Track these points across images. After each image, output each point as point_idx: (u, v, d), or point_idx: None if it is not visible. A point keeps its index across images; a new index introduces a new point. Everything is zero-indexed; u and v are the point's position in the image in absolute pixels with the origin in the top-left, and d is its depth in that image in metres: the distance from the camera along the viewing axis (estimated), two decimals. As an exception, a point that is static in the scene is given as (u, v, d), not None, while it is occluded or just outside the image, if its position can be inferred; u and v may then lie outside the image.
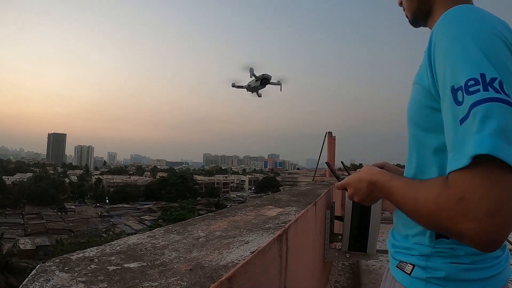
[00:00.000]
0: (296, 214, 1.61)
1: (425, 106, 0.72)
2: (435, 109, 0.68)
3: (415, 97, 0.76)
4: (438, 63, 0.64)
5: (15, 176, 75.27)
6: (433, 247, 0.73)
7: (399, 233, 0.84)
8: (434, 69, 0.66)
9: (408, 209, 0.66)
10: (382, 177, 0.77)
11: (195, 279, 0.73)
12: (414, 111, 0.76)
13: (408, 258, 0.77)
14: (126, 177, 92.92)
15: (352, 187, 0.86)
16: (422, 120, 0.74)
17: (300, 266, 1.75)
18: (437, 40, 0.65)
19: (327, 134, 7.98)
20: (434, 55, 0.65)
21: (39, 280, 0.68)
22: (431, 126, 0.72)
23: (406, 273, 0.76)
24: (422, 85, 0.71)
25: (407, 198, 0.66)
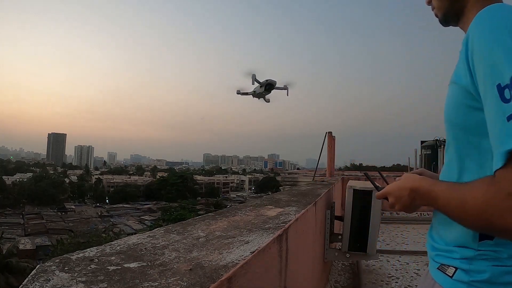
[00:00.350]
0: (296, 214, 1.61)
1: (464, 105, 0.72)
2: (475, 108, 0.69)
3: (452, 97, 0.76)
4: (478, 61, 0.64)
5: (15, 176, 75.32)
6: (476, 249, 0.73)
7: (439, 235, 0.84)
8: (473, 68, 0.66)
9: (455, 212, 0.68)
10: (424, 183, 0.78)
11: (195, 279, 0.73)
12: (453, 111, 0.76)
13: (450, 261, 0.77)
14: (126, 177, 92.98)
15: (393, 196, 0.86)
16: (461, 120, 0.74)
17: (300, 266, 1.75)
18: (475, 39, 0.66)
19: (327, 134, 7.98)
20: (473, 54, 0.66)
21: (39, 280, 0.68)
22: (472, 126, 0.72)
23: (448, 276, 0.76)
24: (461, 84, 0.71)
25: (453, 201, 0.68)
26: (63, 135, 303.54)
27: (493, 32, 0.63)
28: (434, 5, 0.91)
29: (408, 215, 7.47)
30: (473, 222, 0.65)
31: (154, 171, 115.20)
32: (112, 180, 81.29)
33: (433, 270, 0.82)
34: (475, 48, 0.65)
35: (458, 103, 0.73)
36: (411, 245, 5.19)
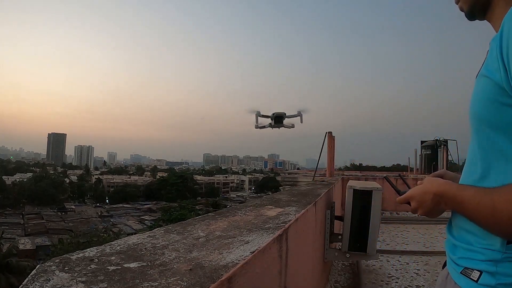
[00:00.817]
0: (296, 214, 1.61)
1: (495, 101, 0.67)
2: (508, 105, 0.65)
3: (483, 91, 0.70)
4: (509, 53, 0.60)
5: (15, 176, 75.32)
6: (503, 251, 0.69)
7: (462, 236, 0.78)
8: (508, 61, 0.62)
9: (484, 218, 0.66)
10: (449, 187, 0.76)
11: (195, 279, 0.73)
12: (482, 106, 0.70)
13: (475, 264, 0.72)
14: (126, 177, 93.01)
15: (416, 200, 0.84)
16: (492, 116, 0.69)
17: (300, 266, 1.75)
18: (511, 32, 0.61)
19: (327, 134, 7.98)
20: (508, 46, 0.61)
21: (39, 280, 0.68)
22: (503, 124, 0.67)
23: (473, 280, 0.71)
24: (493, 79, 0.67)
25: (483, 206, 0.66)
26: (63, 135, 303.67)
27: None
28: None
29: (408, 214, 7.48)
30: (504, 230, 0.64)
31: (154, 171, 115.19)
32: (112, 180, 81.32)
33: (455, 274, 0.77)
34: (507, 41, 0.61)
35: (490, 98, 0.68)
36: (411, 245, 5.19)
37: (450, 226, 0.85)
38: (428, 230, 5.78)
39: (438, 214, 0.83)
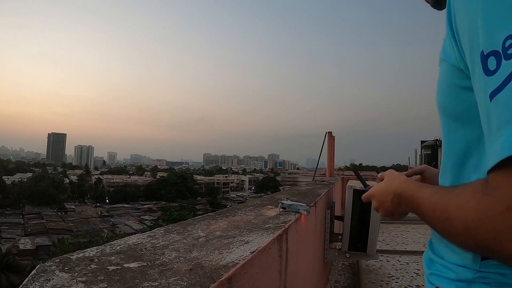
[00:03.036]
0: (296, 214, 1.61)
1: (454, 85, 0.57)
2: (468, 89, 0.53)
3: (442, 78, 0.60)
4: (462, 28, 0.49)
5: (15, 176, 75.37)
6: (477, 270, 0.56)
7: (437, 248, 0.68)
8: (457, 33, 0.51)
9: (440, 225, 0.53)
10: (408, 186, 0.64)
11: (195, 279, 0.73)
12: (443, 94, 0.60)
13: (446, 283, 0.61)
14: (126, 177, 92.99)
15: (376, 199, 0.75)
16: (454, 104, 0.58)
17: (300, 266, 1.75)
18: (456, 2, 0.51)
19: (327, 134, 7.98)
20: (456, 20, 0.51)
21: (39, 280, 0.68)
22: (464, 112, 0.56)
23: None
24: (450, 61, 0.56)
25: (438, 211, 0.52)
26: (63, 135, 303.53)
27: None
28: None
29: (409, 214, 7.47)
30: (461, 242, 0.49)
31: (154, 171, 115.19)
32: (112, 180, 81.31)
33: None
34: (457, 13, 0.50)
35: (449, 83, 0.58)
36: (411, 245, 5.19)
37: (431, 239, 0.73)
38: (428, 230, 5.78)
39: (402, 216, 0.72)
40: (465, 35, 0.48)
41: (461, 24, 0.49)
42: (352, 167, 72.65)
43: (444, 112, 0.62)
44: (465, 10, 0.48)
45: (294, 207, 1.64)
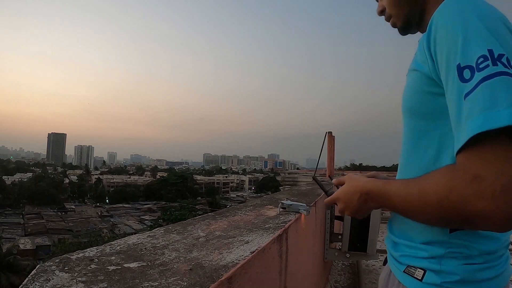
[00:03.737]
0: (296, 214, 1.61)
1: (425, 92, 0.69)
2: (436, 94, 0.66)
3: (412, 84, 0.72)
4: (441, 44, 0.62)
5: (15, 176, 75.28)
6: (447, 242, 0.68)
7: (402, 232, 0.77)
8: (434, 52, 0.63)
9: (413, 208, 0.62)
10: (375, 183, 0.72)
11: (195, 279, 0.73)
12: (412, 99, 0.73)
13: (417, 262, 0.71)
14: (126, 177, 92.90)
15: (342, 201, 0.81)
16: (422, 106, 0.70)
17: (300, 266, 1.75)
18: (439, 23, 0.63)
19: (327, 134, 7.98)
20: (436, 38, 0.63)
21: (39, 280, 0.68)
22: (433, 112, 0.69)
23: (417, 279, 0.70)
24: (422, 71, 0.68)
25: (410, 196, 0.62)
26: (63, 135, 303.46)
27: (459, 14, 0.60)
28: (390, 14, 0.87)
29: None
30: (437, 216, 0.58)
31: (154, 171, 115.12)
32: (112, 180, 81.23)
33: (398, 272, 0.75)
34: (438, 32, 0.62)
35: (419, 90, 0.70)
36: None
37: (390, 222, 0.84)
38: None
39: (367, 214, 0.79)
40: (443, 51, 0.61)
41: (441, 43, 0.62)
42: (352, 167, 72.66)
43: (413, 113, 0.74)
44: (448, 33, 0.61)
45: (294, 207, 1.64)
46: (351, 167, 78.14)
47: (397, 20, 0.87)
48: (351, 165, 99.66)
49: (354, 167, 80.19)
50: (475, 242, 0.67)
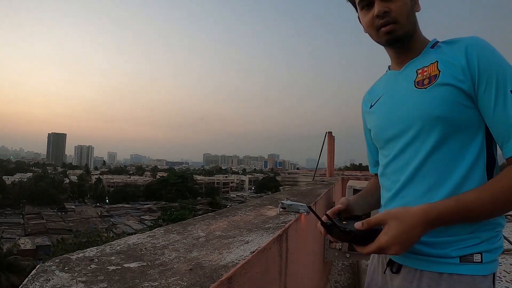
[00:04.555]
0: (296, 214, 1.61)
1: (459, 103, 0.82)
2: (468, 107, 0.82)
3: (447, 97, 0.82)
4: (490, 71, 0.79)
5: (15, 176, 75.24)
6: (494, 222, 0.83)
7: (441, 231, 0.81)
8: (479, 75, 0.79)
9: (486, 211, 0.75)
10: (442, 207, 0.74)
11: (195, 279, 0.73)
12: (449, 108, 0.82)
13: (472, 249, 0.80)
14: (126, 177, 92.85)
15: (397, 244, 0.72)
16: (456, 115, 0.82)
17: (300, 266, 1.75)
18: (485, 55, 0.80)
19: (327, 134, 7.97)
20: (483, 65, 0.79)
21: (39, 280, 0.68)
22: (464, 121, 0.82)
23: (477, 262, 0.80)
24: (459, 87, 0.82)
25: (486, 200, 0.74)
26: (63, 135, 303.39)
27: (496, 53, 0.81)
28: (396, 20, 0.88)
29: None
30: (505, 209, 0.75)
31: (154, 171, 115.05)
32: (112, 180, 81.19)
33: (451, 267, 0.80)
34: (487, 61, 0.80)
35: (455, 101, 0.82)
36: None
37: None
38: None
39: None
40: (493, 77, 0.79)
41: (490, 70, 0.79)
42: (352, 167, 72.60)
43: (447, 123, 0.82)
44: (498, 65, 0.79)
45: (294, 207, 1.64)
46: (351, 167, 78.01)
47: (400, 29, 0.88)
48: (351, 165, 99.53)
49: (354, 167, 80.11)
50: (500, 218, 0.84)
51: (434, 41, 0.93)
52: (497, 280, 0.82)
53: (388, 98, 0.95)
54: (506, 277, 3.26)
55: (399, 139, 0.89)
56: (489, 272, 0.80)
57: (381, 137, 0.96)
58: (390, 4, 0.87)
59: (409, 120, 0.86)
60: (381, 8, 0.87)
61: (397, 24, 0.88)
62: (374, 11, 0.89)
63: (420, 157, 0.84)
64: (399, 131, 0.89)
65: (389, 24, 0.88)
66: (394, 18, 0.87)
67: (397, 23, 0.88)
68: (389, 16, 0.87)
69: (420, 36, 0.94)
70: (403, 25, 0.88)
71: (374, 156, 1.13)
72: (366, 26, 0.93)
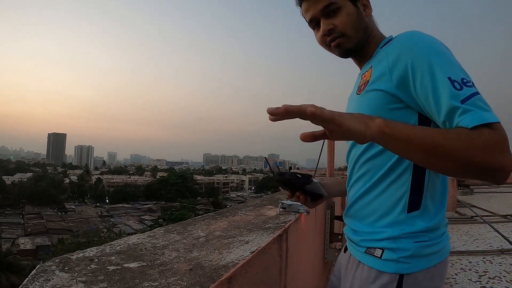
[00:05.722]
0: (296, 214, 1.61)
1: (386, 108, 0.82)
2: (397, 108, 0.82)
3: (372, 102, 0.84)
4: (420, 66, 0.75)
5: (15, 176, 75.28)
6: (404, 221, 0.83)
7: (362, 220, 0.91)
8: (405, 72, 0.77)
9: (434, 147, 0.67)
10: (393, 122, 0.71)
11: (195, 279, 0.73)
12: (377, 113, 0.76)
13: (376, 243, 0.85)
14: (126, 177, 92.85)
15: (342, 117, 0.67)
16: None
17: (300, 266, 1.75)
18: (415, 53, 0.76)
19: (327, 134, 7.96)
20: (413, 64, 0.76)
21: (39, 280, 0.68)
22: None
23: (377, 257, 0.84)
24: (384, 90, 0.82)
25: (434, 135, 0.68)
26: (63, 135, 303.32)
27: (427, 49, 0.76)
28: (343, 34, 0.90)
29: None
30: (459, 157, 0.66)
31: (154, 171, 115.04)
32: (112, 180, 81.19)
33: (359, 254, 0.89)
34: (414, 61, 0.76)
35: (381, 106, 0.82)
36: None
37: (347, 215, 0.98)
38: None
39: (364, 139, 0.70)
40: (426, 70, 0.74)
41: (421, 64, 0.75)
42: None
43: None
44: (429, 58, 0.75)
45: (294, 207, 1.64)
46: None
47: (348, 42, 0.91)
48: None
49: (354, 167, 79.80)
50: (422, 220, 0.83)
51: (388, 38, 0.92)
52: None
53: (348, 102, 1.04)
54: (506, 277, 3.26)
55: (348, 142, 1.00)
56: (390, 270, 0.81)
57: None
58: (334, 20, 0.90)
59: None
60: (325, 27, 0.91)
61: (344, 37, 0.91)
62: (321, 29, 0.92)
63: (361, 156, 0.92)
64: None
65: (336, 39, 0.91)
66: (340, 33, 0.90)
67: (344, 36, 0.91)
68: (334, 32, 0.91)
69: (375, 38, 0.94)
70: (351, 36, 0.90)
71: None
72: (319, 43, 0.97)
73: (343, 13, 0.89)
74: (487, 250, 4.17)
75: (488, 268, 3.54)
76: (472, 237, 5.04)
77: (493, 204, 8.49)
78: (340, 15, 0.90)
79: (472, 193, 10.67)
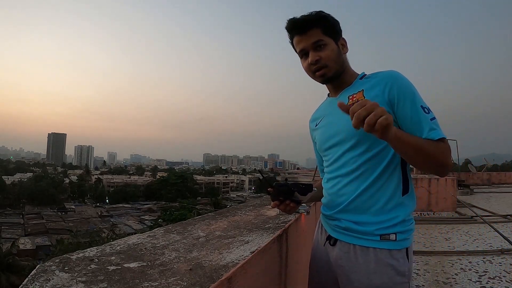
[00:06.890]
0: (296, 214, 1.61)
1: None
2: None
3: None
4: (404, 94, 1.06)
5: (15, 176, 75.29)
6: (402, 203, 1.08)
7: (367, 210, 1.08)
8: (398, 98, 1.06)
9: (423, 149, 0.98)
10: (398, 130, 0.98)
11: (195, 279, 0.73)
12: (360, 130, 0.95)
13: (390, 230, 1.06)
14: (126, 177, 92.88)
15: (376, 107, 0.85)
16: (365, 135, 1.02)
17: (300, 266, 1.75)
18: (400, 83, 1.07)
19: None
20: (398, 90, 1.06)
21: (39, 280, 0.68)
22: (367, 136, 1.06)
23: (392, 240, 1.05)
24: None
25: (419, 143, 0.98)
26: (63, 135, 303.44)
27: (410, 83, 1.08)
28: (326, 65, 1.13)
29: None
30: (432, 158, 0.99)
31: (154, 171, 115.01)
32: (112, 180, 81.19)
33: (373, 243, 1.06)
34: (401, 87, 1.06)
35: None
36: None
37: (346, 210, 1.12)
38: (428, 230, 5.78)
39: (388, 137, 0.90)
40: (407, 98, 1.06)
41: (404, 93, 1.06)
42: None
43: (369, 136, 1.03)
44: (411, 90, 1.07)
45: None
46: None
47: (329, 71, 1.15)
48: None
49: (354, 167, 79.79)
50: (411, 200, 1.11)
51: (362, 74, 1.20)
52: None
53: (328, 118, 1.22)
54: (506, 277, 3.26)
55: (335, 148, 1.16)
56: (402, 247, 1.06)
57: (322, 147, 1.24)
58: (321, 53, 1.13)
59: (342, 134, 1.12)
60: (313, 58, 1.13)
61: (327, 68, 1.14)
62: (309, 59, 1.14)
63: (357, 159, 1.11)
64: (335, 142, 1.15)
65: (321, 69, 1.14)
66: (324, 64, 1.13)
67: (327, 67, 1.14)
68: (320, 62, 1.13)
69: (350, 70, 1.21)
70: (332, 67, 1.14)
71: (321, 165, 1.39)
72: (305, 70, 1.18)
73: (328, 49, 1.13)
74: (487, 250, 4.17)
75: (488, 268, 3.54)
76: (472, 237, 5.04)
77: (493, 204, 8.49)
78: (326, 50, 1.13)
79: (472, 193, 10.68)
